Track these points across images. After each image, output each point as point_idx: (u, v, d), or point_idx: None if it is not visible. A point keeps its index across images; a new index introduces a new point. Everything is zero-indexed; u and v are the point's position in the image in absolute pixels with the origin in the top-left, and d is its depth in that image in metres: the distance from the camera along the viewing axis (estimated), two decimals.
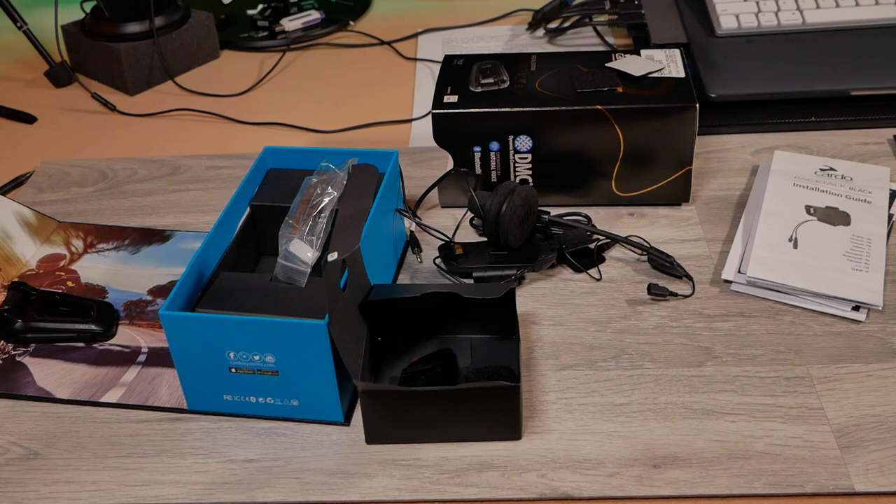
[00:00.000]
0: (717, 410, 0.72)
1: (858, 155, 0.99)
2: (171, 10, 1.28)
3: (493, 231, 0.86)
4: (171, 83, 1.27)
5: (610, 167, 0.92)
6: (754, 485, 0.66)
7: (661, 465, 0.68)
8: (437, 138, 0.93)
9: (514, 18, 1.39)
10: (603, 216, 0.93)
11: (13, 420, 0.76)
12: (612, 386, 0.74)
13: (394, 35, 1.36)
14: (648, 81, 0.92)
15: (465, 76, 0.95)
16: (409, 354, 0.77)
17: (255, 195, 0.87)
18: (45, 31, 1.30)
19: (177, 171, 1.06)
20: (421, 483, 0.68)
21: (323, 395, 0.71)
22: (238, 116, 1.18)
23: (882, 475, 0.66)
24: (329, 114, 1.18)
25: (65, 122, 1.21)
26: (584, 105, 0.89)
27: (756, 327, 0.79)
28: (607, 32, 1.31)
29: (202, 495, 0.68)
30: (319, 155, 0.88)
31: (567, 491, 0.66)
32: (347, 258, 0.69)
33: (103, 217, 0.99)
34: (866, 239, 0.84)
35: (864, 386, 0.73)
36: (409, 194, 0.95)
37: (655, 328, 0.80)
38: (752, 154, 1.02)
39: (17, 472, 0.71)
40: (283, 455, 0.71)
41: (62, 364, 0.81)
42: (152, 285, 0.89)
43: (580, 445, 0.70)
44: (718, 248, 0.88)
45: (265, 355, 0.70)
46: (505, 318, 0.76)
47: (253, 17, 1.42)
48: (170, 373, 0.78)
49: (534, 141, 0.91)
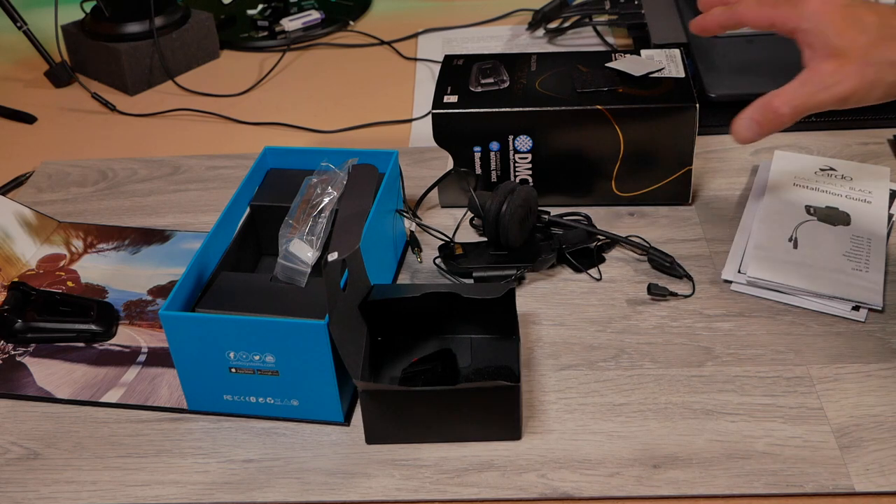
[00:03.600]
0: (717, 410, 0.72)
1: (858, 155, 0.99)
2: (171, 10, 1.28)
3: (493, 231, 0.86)
4: (171, 83, 1.28)
5: (610, 167, 0.92)
6: (754, 485, 0.66)
7: (661, 465, 0.68)
8: (437, 138, 0.93)
9: (514, 18, 1.39)
10: (603, 216, 0.93)
11: (13, 420, 0.76)
12: (612, 386, 0.74)
13: (394, 35, 1.36)
14: (648, 81, 0.92)
15: (465, 76, 0.95)
16: (409, 354, 0.77)
17: (255, 195, 0.87)
18: (45, 31, 1.30)
19: (177, 171, 1.06)
20: (421, 483, 0.68)
21: (323, 395, 0.71)
22: (238, 116, 1.18)
23: (882, 475, 0.66)
24: (329, 114, 1.18)
25: (65, 122, 1.21)
26: (584, 105, 0.89)
27: (756, 327, 0.79)
28: (607, 32, 1.31)
29: (202, 495, 0.68)
30: (319, 155, 0.88)
31: (567, 491, 0.66)
32: (347, 258, 0.69)
33: (103, 217, 0.99)
34: (866, 239, 0.84)
35: (864, 386, 0.73)
36: (409, 194, 0.95)
37: (655, 328, 0.80)
38: (752, 154, 1.02)
39: (17, 472, 0.71)
40: (283, 455, 0.71)
41: (62, 364, 0.81)
42: (152, 285, 0.89)
43: (580, 445, 0.70)
44: (718, 248, 0.88)
45: (265, 355, 0.70)
46: (505, 318, 0.76)
47: (253, 17, 1.42)
48: (170, 373, 0.78)
49: (534, 141, 0.91)
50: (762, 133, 0.75)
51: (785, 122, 0.73)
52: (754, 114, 0.74)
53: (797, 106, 0.72)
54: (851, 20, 0.70)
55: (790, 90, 0.73)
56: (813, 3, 0.72)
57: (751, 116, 0.74)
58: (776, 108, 0.73)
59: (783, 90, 0.73)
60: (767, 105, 0.73)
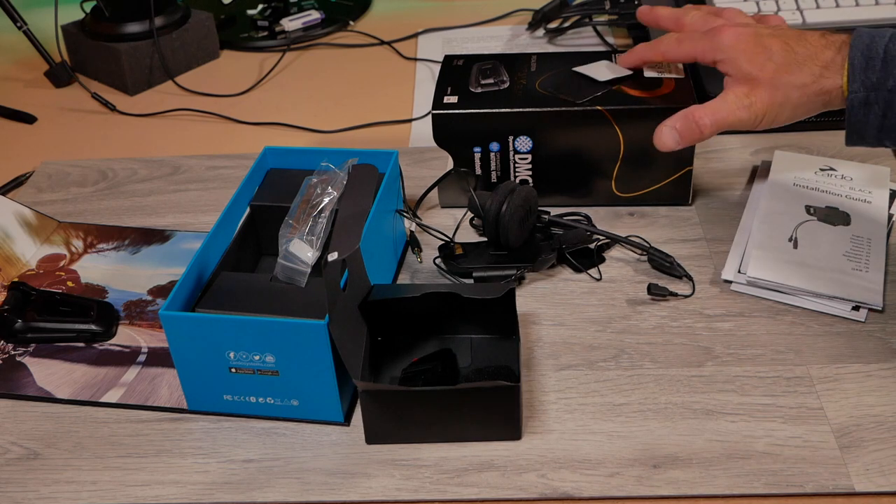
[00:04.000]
0: (717, 410, 0.72)
1: (858, 155, 0.99)
2: (171, 10, 1.28)
3: (493, 231, 0.86)
4: (171, 83, 1.27)
5: (610, 167, 0.92)
6: (754, 485, 0.66)
7: (661, 465, 0.68)
8: (437, 138, 0.93)
9: (514, 18, 1.39)
10: (603, 216, 0.93)
11: (13, 420, 0.76)
12: (612, 386, 0.74)
13: (394, 35, 1.36)
14: (648, 81, 0.92)
15: (465, 76, 0.95)
16: (409, 354, 0.77)
17: (255, 195, 0.87)
18: (45, 31, 1.30)
19: (177, 171, 1.06)
20: (421, 483, 0.68)
21: (323, 395, 0.71)
22: (238, 116, 1.18)
23: (882, 475, 0.66)
24: (329, 114, 1.18)
25: (65, 122, 1.21)
26: (585, 105, 0.89)
27: (756, 327, 0.79)
28: (607, 32, 1.31)
29: (202, 495, 0.68)
30: (319, 155, 0.88)
31: (567, 491, 0.66)
32: (347, 258, 0.69)
33: (103, 217, 0.99)
34: (866, 239, 0.84)
35: (864, 386, 0.73)
36: (409, 194, 0.95)
37: (655, 328, 0.80)
38: (752, 154, 1.02)
39: (17, 472, 0.71)
40: (283, 455, 0.71)
41: (62, 364, 0.81)
42: (152, 285, 0.89)
43: (580, 445, 0.70)
44: (718, 248, 0.88)
45: (265, 355, 0.70)
46: (505, 318, 0.76)
47: (253, 17, 1.42)
48: (170, 373, 0.78)
49: (534, 141, 0.91)
50: (682, 143, 0.82)
51: (705, 135, 0.81)
52: (677, 123, 0.82)
53: (717, 120, 0.80)
54: (760, 49, 0.78)
55: (713, 105, 0.80)
56: (726, 37, 0.80)
57: (673, 125, 0.82)
58: (698, 120, 0.80)
59: (706, 105, 0.81)
60: (690, 116, 0.81)
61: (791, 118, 0.80)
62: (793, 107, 0.78)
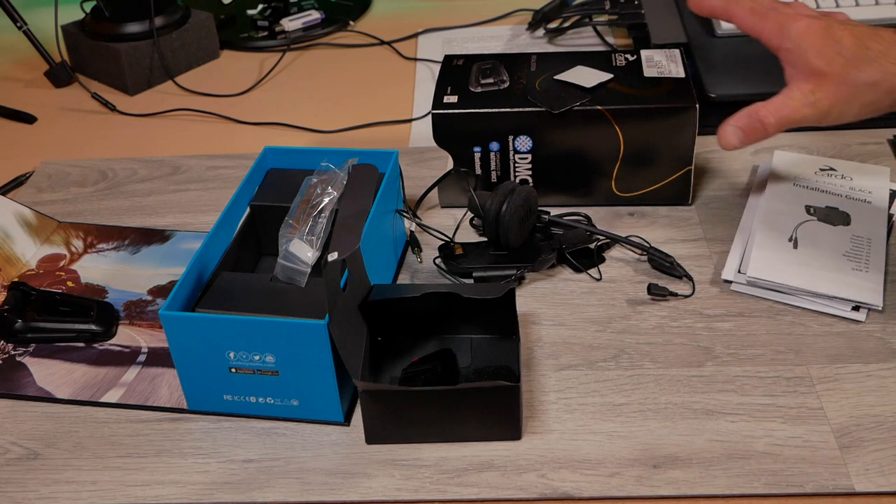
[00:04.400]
0: (717, 410, 0.72)
1: (858, 155, 0.99)
2: (171, 10, 1.28)
3: (493, 231, 0.86)
4: (171, 83, 1.27)
5: (610, 167, 0.92)
6: (754, 485, 0.66)
7: (661, 465, 0.68)
8: (437, 138, 0.93)
9: (514, 18, 1.39)
10: (603, 216, 0.93)
11: (13, 420, 0.76)
12: (612, 386, 0.74)
13: (394, 35, 1.36)
14: (648, 81, 0.92)
15: (465, 76, 0.95)
16: (409, 354, 0.77)
17: (255, 195, 0.87)
18: (45, 31, 1.30)
19: (177, 171, 1.06)
20: (421, 483, 0.68)
21: (323, 395, 0.71)
22: (238, 116, 1.18)
23: (882, 475, 0.66)
24: (329, 114, 1.18)
25: (65, 122, 1.21)
26: (585, 105, 0.89)
27: (756, 327, 0.79)
28: (607, 32, 1.31)
29: (202, 495, 0.68)
30: (319, 155, 0.88)
31: (567, 491, 0.66)
32: (347, 258, 0.69)
33: (103, 217, 0.99)
34: (866, 239, 0.84)
35: (864, 386, 0.73)
36: (409, 194, 0.95)
37: (655, 328, 0.80)
38: (752, 154, 1.02)
39: (17, 472, 0.71)
40: (283, 455, 0.71)
41: (62, 364, 0.81)
42: (152, 285, 0.89)
43: (580, 445, 0.70)
44: (718, 248, 0.88)
45: (265, 355, 0.70)
46: (505, 318, 0.76)
47: (253, 17, 1.42)
48: (170, 373, 0.78)
49: (534, 141, 0.91)
50: (746, 141, 0.79)
51: (769, 133, 0.78)
52: (740, 122, 0.79)
53: (782, 118, 0.77)
54: (831, 42, 0.75)
55: (777, 102, 0.77)
56: (798, 25, 0.76)
57: (737, 124, 0.79)
58: (763, 118, 0.77)
59: (770, 102, 0.77)
60: (754, 114, 0.78)
61: (858, 115, 0.76)
62: (861, 105, 0.75)
